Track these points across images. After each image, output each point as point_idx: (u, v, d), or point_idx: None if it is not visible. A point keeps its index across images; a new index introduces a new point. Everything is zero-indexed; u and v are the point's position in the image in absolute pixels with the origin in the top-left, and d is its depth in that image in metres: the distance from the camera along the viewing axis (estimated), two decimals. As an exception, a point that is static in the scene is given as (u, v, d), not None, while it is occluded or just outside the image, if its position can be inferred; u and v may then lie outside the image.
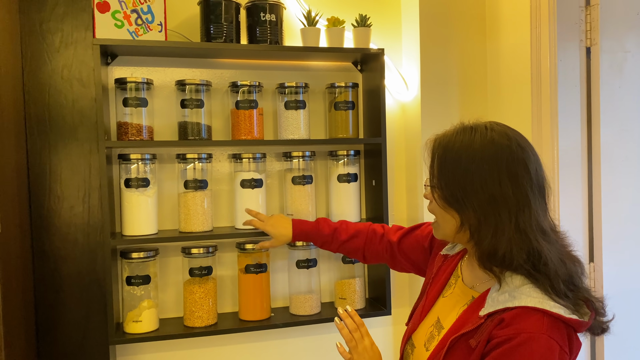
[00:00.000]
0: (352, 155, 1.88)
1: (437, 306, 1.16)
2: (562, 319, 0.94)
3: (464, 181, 1.00)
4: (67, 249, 1.68)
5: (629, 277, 1.75)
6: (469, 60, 1.98)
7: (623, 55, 1.74)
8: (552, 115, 1.70)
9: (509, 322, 0.94)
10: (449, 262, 1.21)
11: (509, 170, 0.99)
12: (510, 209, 0.98)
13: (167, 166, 1.83)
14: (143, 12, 1.66)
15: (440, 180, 1.03)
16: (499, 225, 0.98)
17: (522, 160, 1.00)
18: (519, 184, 0.99)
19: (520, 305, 0.94)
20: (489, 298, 1.00)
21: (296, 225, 1.60)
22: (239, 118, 1.77)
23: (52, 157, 1.67)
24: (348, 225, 1.57)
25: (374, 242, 1.51)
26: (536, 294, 0.96)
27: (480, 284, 1.08)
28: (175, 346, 1.83)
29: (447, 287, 1.17)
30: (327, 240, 1.56)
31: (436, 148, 1.06)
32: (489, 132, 1.02)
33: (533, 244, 0.98)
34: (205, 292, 1.72)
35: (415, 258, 1.40)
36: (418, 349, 1.14)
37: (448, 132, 1.07)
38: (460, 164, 1.01)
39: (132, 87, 1.69)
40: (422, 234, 1.39)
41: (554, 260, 0.98)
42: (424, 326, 1.16)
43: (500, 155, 0.99)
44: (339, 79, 1.96)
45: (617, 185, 1.74)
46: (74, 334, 1.69)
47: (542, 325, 0.93)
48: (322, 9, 1.92)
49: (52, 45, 1.66)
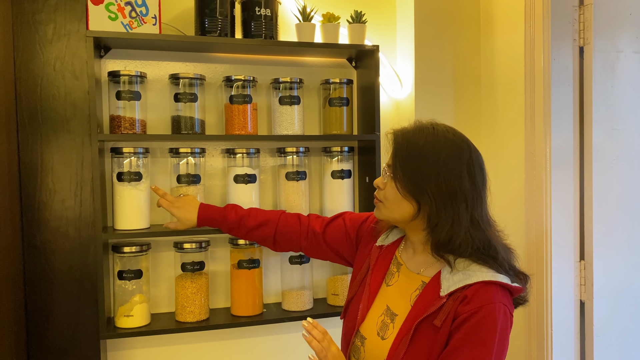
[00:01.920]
0: (346, 152, 1.88)
1: (382, 295, 1.22)
2: (509, 287, 1.11)
3: (428, 175, 1.11)
4: (58, 242, 1.66)
5: (619, 275, 1.77)
6: (463, 58, 1.99)
7: (616, 55, 1.75)
8: (545, 113, 1.71)
9: (471, 298, 1.07)
10: (385, 252, 1.27)
11: (468, 169, 1.12)
12: (467, 203, 1.11)
13: (159, 160, 1.82)
14: (137, 4, 1.64)
15: (404, 171, 1.14)
16: (456, 216, 1.10)
17: (478, 161, 1.15)
18: (475, 181, 1.13)
19: (477, 280, 1.08)
20: (443, 280, 1.11)
21: (202, 210, 1.58)
22: (232, 113, 1.77)
23: (44, 150, 1.65)
24: (258, 213, 1.57)
25: (286, 230, 1.52)
26: (486, 270, 1.10)
27: (425, 269, 1.18)
28: (167, 341, 1.83)
29: (389, 276, 1.23)
30: (234, 227, 1.56)
31: (400, 142, 1.16)
32: (450, 134, 1.16)
33: (485, 234, 1.13)
34: (197, 287, 1.72)
35: (339, 247, 1.45)
36: (370, 340, 1.18)
37: (409, 129, 1.18)
38: (426, 160, 1.12)
39: (126, 81, 1.68)
40: (346, 224, 1.45)
41: (499, 248, 1.14)
42: (372, 316, 1.20)
43: (462, 155, 1.13)
44: (334, 75, 1.96)
45: (608, 184, 1.76)
46: (64, 328, 1.68)
47: (498, 295, 1.08)
48: (317, 4, 1.91)
49: (44, 37, 1.64)
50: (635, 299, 1.80)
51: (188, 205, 1.60)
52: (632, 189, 1.79)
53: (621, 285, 1.78)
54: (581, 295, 1.77)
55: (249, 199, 1.77)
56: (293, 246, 1.55)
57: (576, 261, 1.76)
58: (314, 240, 1.49)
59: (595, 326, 1.74)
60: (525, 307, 1.78)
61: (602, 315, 1.74)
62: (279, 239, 1.54)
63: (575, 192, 1.76)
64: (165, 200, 1.62)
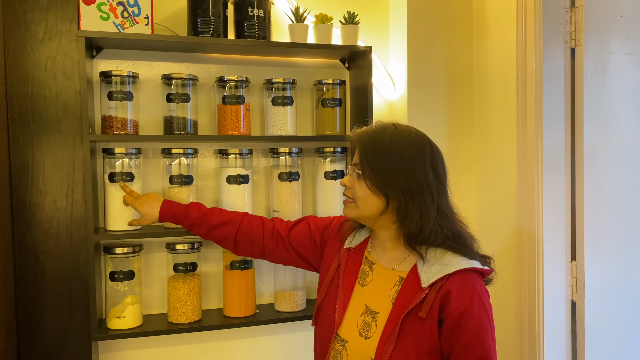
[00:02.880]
0: (339, 153, 1.88)
1: (357, 296, 1.23)
2: (481, 270, 1.18)
3: (395, 170, 1.17)
4: (49, 243, 1.65)
5: (610, 275, 1.78)
6: (456, 60, 2.00)
7: (607, 57, 1.76)
8: (537, 115, 1.72)
9: (457, 292, 1.12)
10: (354, 254, 1.30)
11: (431, 164, 1.19)
12: (433, 195, 1.18)
13: (152, 161, 1.81)
14: (129, 4, 1.64)
15: (372, 168, 1.18)
16: (424, 208, 1.16)
17: (439, 156, 1.22)
18: (438, 175, 1.20)
19: (455, 269, 1.14)
20: (421, 272, 1.16)
21: (164, 206, 1.57)
22: (225, 113, 1.76)
23: (35, 151, 1.64)
24: (221, 212, 1.56)
25: (249, 231, 1.51)
26: (460, 258, 1.17)
27: (399, 264, 1.22)
28: (159, 342, 1.82)
29: (362, 276, 1.25)
30: (195, 224, 1.54)
31: (366, 142, 1.21)
32: (412, 132, 1.22)
33: (452, 222, 1.20)
34: (189, 289, 1.71)
35: (303, 250, 1.47)
36: (353, 342, 1.18)
37: (372, 128, 1.24)
38: (392, 156, 1.18)
39: (118, 81, 1.67)
40: (310, 228, 1.47)
41: (465, 235, 1.21)
42: (350, 318, 1.22)
43: (425, 151, 1.20)
44: (327, 75, 1.96)
45: (600, 185, 1.77)
46: (55, 330, 1.67)
47: (477, 281, 1.16)
48: (310, 5, 1.91)
49: (35, 37, 1.63)
50: (626, 299, 1.81)
51: (151, 200, 1.58)
52: (623, 189, 1.80)
53: (612, 285, 1.79)
54: (572, 295, 1.78)
55: (241, 199, 1.77)
56: (254, 248, 1.53)
57: (567, 261, 1.77)
58: (279, 242, 1.49)
59: (587, 326, 1.75)
60: (517, 308, 1.79)
61: (594, 316, 1.75)
62: (241, 239, 1.52)
63: (567, 193, 1.77)
64: (129, 197, 1.60)
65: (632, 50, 1.80)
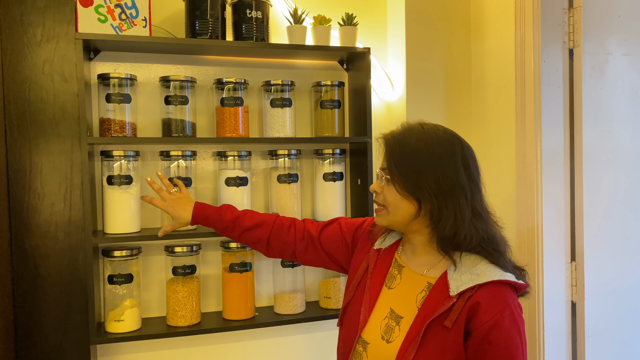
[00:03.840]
0: (338, 154, 1.88)
1: (383, 298, 1.19)
2: (515, 284, 1.11)
3: (425, 172, 1.12)
4: (48, 247, 1.64)
5: (609, 276, 1.78)
6: (454, 61, 2.00)
7: (605, 57, 1.77)
8: (536, 115, 1.72)
9: (486, 306, 1.06)
10: (384, 256, 1.26)
11: (463, 162, 1.14)
12: (467, 195, 1.12)
13: (150, 163, 1.80)
14: (127, 6, 1.63)
15: (400, 171, 1.14)
16: (458, 209, 1.11)
17: (471, 153, 1.17)
18: (471, 173, 1.14)
19: (487, 280, 1.07)
20: (450, 279, 1.10)
21: (197, 208, 1.54)
22: (224, 115, 1.76)
23: (33, 153, 1.63)
24: (253, 214, 1.54)
25: (280, 233, 1.49)
26: (493, 268, 1.10)
27: (429, 269, 1.17)
28: (158, 346, 1.81)
29: (389, 279, 1.21)
30: (229, 227, 1.51)
31: (392, 144, 1.17)
32: (440, 131, 1.17)
33: (487, 224, 1.15)
34: (188, 291, 1.71)
35: (334, 251, 1.43)
36: (374, 344, 1.15)
37: (398, 131, 1.19)
38: (420, 157, 1.13)
39: (116, 83, 1.67)
40: (342, 229, 1.43)
41: (498, 238, 1.15)
42: (375, 320, 1.18)
43: (455, 149, 1.14)
44: (325, 77, 1.96)
45: (599, 185, 1.77)
46: (53, 334, 1.66)
47: (510, 296, 1.09)
48: (308, 7, 1.91)
49: (32, 39, 1.62)
50: (626, 300, 1.81)
51: (183, 203, 1.56)
52: (622, 190, 1.80)
53: (612, 286, 1.79)
54: (572, 296, 1.77)
55: (240, 202, 1.76)
56: (286, 250, 1.50)
57: (567, 262, 1.77)
58: (309, 243, 1.46)
59: (587, 327, 1.75)
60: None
61: (594, 316, 1.75)
62: (273, 241, 1.50)
63: (566, 194, 1.77)
64: (159, 201, 1.58)
65: (630, 51, 1.80)
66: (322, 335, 1.97)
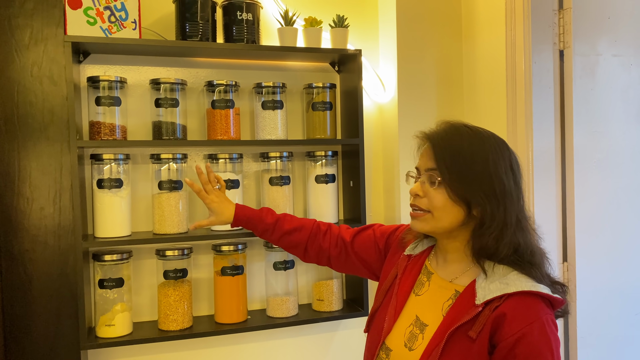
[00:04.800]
0: (330, 156, 1.87)
1: (410, 305, 1.15)
2: (550, 298, 1.02)
3: (481, 176, 1.05)
4: (37, 251, 1.63)
5: (601, 276, 1.79)
6: (446, 62, 2.00)
7: (595, 58, 1.77)
8: (527, 116, 1.72)
9: (512, 316, 0.99)
10: (414, 262, 1.21)
11: (511, 167, 1.08)
12: (513, 201, 1.06)
13: (141, 167, 1.79)
14: (116, 9, 1.62)
15: (453, 174, 1.07)
16: (507, 217, 1.05)
17: (515, 157, 1.11)
18: (517, 179, 1.09)
19: (516, 290, 1.00)
20: (478, 288, 1.04)
21: (239, 208, 1.54)
22: (215, 118, 1.75)
23: (21, 157, 1.62)
24: (292, 218, 1.53)
25: (317, 238, 1.48)
26: (525, 279, 1.03)
27: (458, 277, 1.11)
28: (150, 350, 1.80)
29: (418, 286, 1.17)
30: (269, 229, 1.50)
31: (442, 145, 1.09)
32: (488, 133, 1.10)
33: (527, 234, 1.08)
34: (180, 295, 1.69)
35: (367, 257, 1.40)
36: (397, 352, 1.12)
37: (443, 129, 1.11)
38: (475, 161, 1.06)
39: (105, 86, 1.66)
40: (375, 235, 1.40)
41: (535, 250, 1.08)
42: (399, 327, 1.14)
43: (505, 153, 1.08)
44: (317, 79, 1.96)
45: (590, 186, 1.77)
46: (44, 339, 1.64)
47: (541, 307, 1.00)
48: (299, 8, 1.91)
49: (21, 42, 1.61)
50: (618, 300, 1.82)
51: (227, 201, 1.56)
52: (613, 190, 1.81)
53: (604, 286, 1.79)
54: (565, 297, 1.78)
55: (232, 204, 1.75)
56: (322, 256, 1.48)
57: (559, 263, 1.77)
58: (342, 250, 1.44)
59: (579, 327, 1.75)
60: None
61: (586, 317, 1.76)
62: (310, 246, 1.48)
63: (558, 195, 1.77)
64: (205, 194, 1.55)
65: (620, 52, 1.81)
66: (314, 338, 1.97)
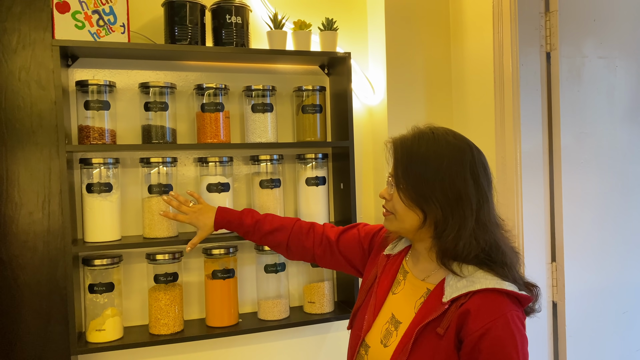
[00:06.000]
0: (320, 159, 1.88)
1: (388, 303, 1.20)
2: (517, 295, 1.05)
3: (432, 182, 1.08)
4: (26, 256, 1.62)
5: (589, 276, 1.81)
6: (434, 64, 2.01)
7: (581, 60, 1.79)
8: (515, 118, 1.73)
9: (476, 312, 1.02)
10: (392, 261, 1.25)
11: (472, 171, 1.09)
12: (472, 206, 1.08)
13: (130, 170, 1.79)
14: (105, 13, 1.62)
15: (407, 181, 1.10)
16: (462, 221, 1.07)
17: (481, 162, 1.12)
18: (479, 183, 1.09)
19: (481, 287, 1.03)
20: (447, 286, 1.08)
21: (219, 214, 1.58)
22: (204, 121, 1.75)
23: (9, 162, 1.61)
24: (273, 218, 1.56)
25: (299, 237, 1.51)
26: (491, 277, 1.06)
27: (430, 275, 1.15)
28: (141, 355, 1.79)
29: (395, 285, 1.21)
30: (250, 231, 1.55)
31: (400, 151, 1.13)
32: (450, 136, 1.12)
33: (491, 235, 1.09)
34: (171, 299, 1.69)
35: (352, 257, 1.44)
36: (374, 348, 1.16)
37: (408, 136, 1.15)
38: (428, 166, 1.09)
39: (94, 90, 1.65)
40: (360, 235, 1.43)
41: (506, 251, 1.10)
42: (377, 325, 1.18)
43: (465, 158, 1.09)
44: (306, 82, 1.96)
45: (577, 187, 1.79)
46: (33, 345, 1.63)
47: (506, 304, 1.03)
48: (288, 12, 1.91)
49: (8, 46, 1.60)
50: (606, 299, 1.84)
51: (204, 212, 1.60)
52: (600, 190, 1.83)
53: (592, 285, 1.81)
54: (553, 296, 1.79)
55: (222, 208, 1.75)
56: (306, 254, 1.52)
57: (548, 263, 1.79)
58: (327, 248, 1.47)
59: (568, 327, 1.77)
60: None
61: (574, 316, 1.77)
62: (292, 245, 1.52)
63: (546, 195, 1.79)
64: (182, 216, 1.62)
65: (606, 54, 1.83)
66: (306, 340, 1.97)
